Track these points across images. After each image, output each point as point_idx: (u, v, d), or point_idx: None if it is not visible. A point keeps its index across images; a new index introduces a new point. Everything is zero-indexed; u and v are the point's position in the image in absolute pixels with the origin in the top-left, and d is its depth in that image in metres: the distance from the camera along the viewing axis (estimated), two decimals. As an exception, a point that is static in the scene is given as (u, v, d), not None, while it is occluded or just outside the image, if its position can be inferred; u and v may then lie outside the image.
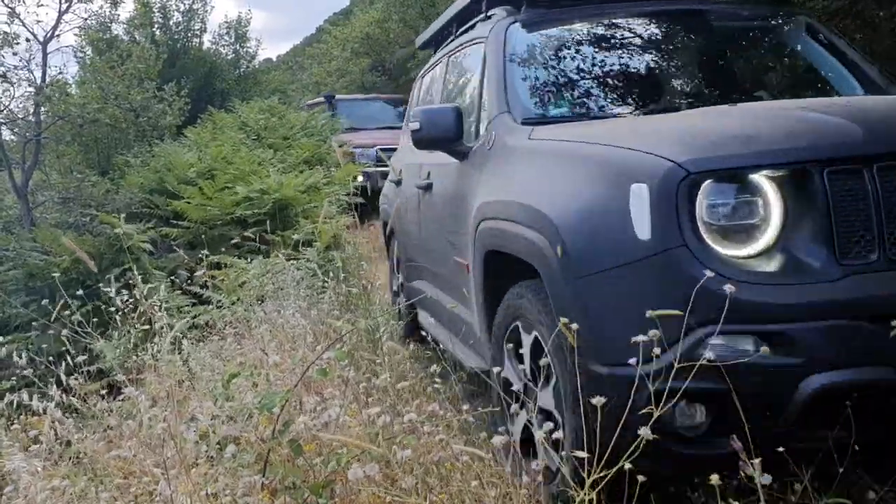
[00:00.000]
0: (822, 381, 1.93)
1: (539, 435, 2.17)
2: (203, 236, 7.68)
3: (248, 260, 6.23)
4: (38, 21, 32.98)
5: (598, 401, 1.89)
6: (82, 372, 3.53)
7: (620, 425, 1.95)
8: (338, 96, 16.26)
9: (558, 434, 2.13)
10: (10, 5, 10.14)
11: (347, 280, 5.30)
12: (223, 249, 6.59)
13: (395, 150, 12.15)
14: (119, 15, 16.40)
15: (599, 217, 2.23)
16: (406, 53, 20.11)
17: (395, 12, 20.62)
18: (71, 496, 2.61)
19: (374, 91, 20.44)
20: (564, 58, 3.63)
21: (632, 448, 1.82)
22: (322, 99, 16.18)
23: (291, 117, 13.90)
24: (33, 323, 5.75)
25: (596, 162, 2.47)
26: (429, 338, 3.92)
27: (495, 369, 2.67)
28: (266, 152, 10.69)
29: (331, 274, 5.00)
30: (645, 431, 1.80)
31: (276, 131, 12.79)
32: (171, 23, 22.03)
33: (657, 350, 1.88)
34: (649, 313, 1.88)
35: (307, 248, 6.08)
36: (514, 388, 2.78)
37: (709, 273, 1.89)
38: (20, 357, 3.86)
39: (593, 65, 3.59)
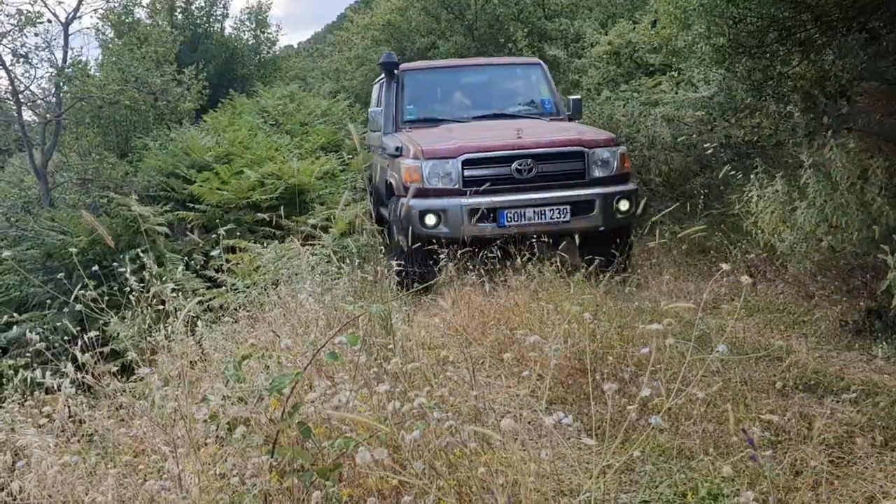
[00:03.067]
0: None
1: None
2: (218, 221, 7.72)
3: (264, 245, 6.25)
4: (60, 2, 33.18)
5: None
6: (96, 352, 3.55)
7: None
8: (407, 66, 8.76)
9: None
10: (33, -14, 10.19)
11: (362, 267, 5.31)
12: (238, 234, 6.62)
13: (511, 160, 6.44)
14: (141, -1, 16.44)
15: None
16: (427, 42, 20.03)
17: (417, 0, 20.53)
18: (81, 472, 2.63)
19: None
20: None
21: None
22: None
23: (311, 104, 13.91)
24: (48, 301, 5.80)
25: None
26: None
27: None
28: (283, 138, 10.71)
29: (346, 260, 5.01)
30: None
31: (293, 117, 12.79)
32: (193, 7, 22.11)
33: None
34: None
35: (323, 234, 6.10)
36: None
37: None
38: (35, 334, 3.90)
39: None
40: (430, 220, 6.31)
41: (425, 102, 8.44)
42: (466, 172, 6.45)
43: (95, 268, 4.49)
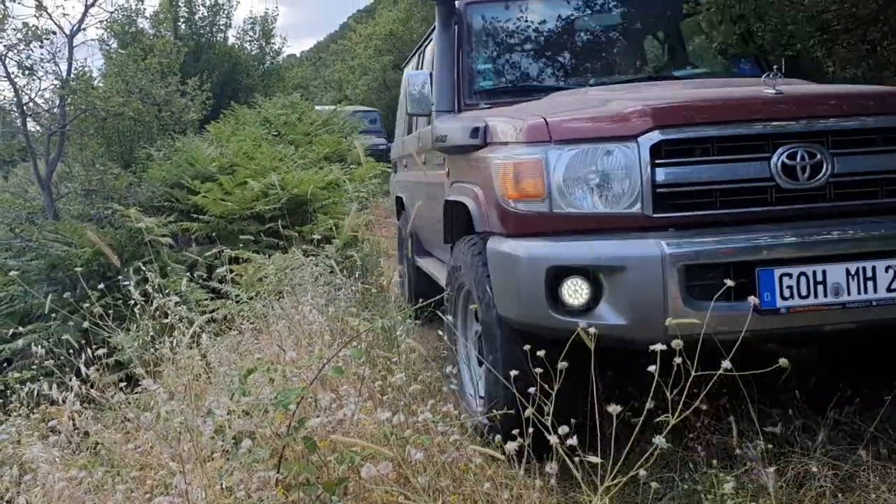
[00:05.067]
0: None
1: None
2: (216, 233, 7.74)
3: (267, 255, 6.27)
4: (65, 14, 33.44)
5: None
6: (101, 364, 3.57)
7: None
8: None
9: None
10: (38, -1, 10.23)
11: (365, 278, 5.32)
12: (241, 245, 6.63)
13: (769, 142, 2.60)
14: (145, 9, 16.58)
15: None
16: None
17: (419, 11, 20.65)
18: (88, 486, 2.64)
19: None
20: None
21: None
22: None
23: (313, 114, 13.97)
24: (52, 314, 5.81)
25: None
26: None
27: None
28: (287, 148, 10.74)
29: (345, 272, 5.02)
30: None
31: (296, 127, 12.82)
32: (196, 17, 22.23)
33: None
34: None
35: (326, 245, 6.12)
36: None
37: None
38: (40, 347, 3.92)
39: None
40: (576, 292, 2.63)
41: (512, 59, 4.52)
42: (661, 174, 2.67)
43: (101, 284, 4.51)
